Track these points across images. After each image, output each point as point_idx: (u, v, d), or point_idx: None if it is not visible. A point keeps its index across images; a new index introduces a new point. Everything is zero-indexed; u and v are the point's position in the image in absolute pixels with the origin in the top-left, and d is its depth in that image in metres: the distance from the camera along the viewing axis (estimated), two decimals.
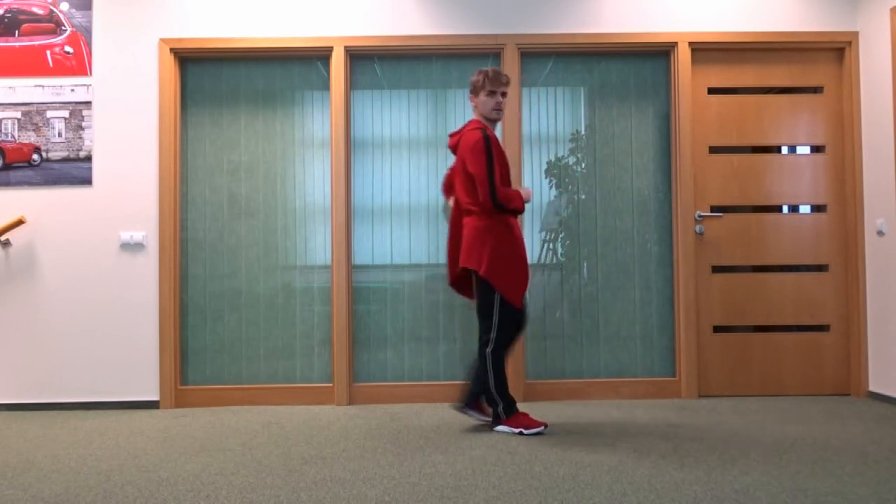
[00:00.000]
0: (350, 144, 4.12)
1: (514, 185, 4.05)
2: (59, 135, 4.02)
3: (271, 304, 4.10)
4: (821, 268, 4.18)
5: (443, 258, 4.11)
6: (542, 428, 3.18)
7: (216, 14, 4.06)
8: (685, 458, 2.76)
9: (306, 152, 4.16)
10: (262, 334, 4.09)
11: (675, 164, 4.11)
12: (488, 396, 3.24)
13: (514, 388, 4.00)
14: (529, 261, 4.12)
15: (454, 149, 3.38)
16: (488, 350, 3.20)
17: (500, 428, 3.23)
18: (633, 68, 4.19)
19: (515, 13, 4.09)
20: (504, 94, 3.28)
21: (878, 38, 3.94)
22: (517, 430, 3.18)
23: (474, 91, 3.30)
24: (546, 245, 4.15)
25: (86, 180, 4.02)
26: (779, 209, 4.20)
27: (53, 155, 4.02)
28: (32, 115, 4.02)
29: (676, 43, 4.09)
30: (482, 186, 3.15)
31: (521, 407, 3.84)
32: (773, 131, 4.18)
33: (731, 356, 4.13)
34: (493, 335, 3.19)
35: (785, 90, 4.23)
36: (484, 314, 3.23)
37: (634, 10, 4.10)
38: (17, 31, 4.04)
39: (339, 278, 4.01)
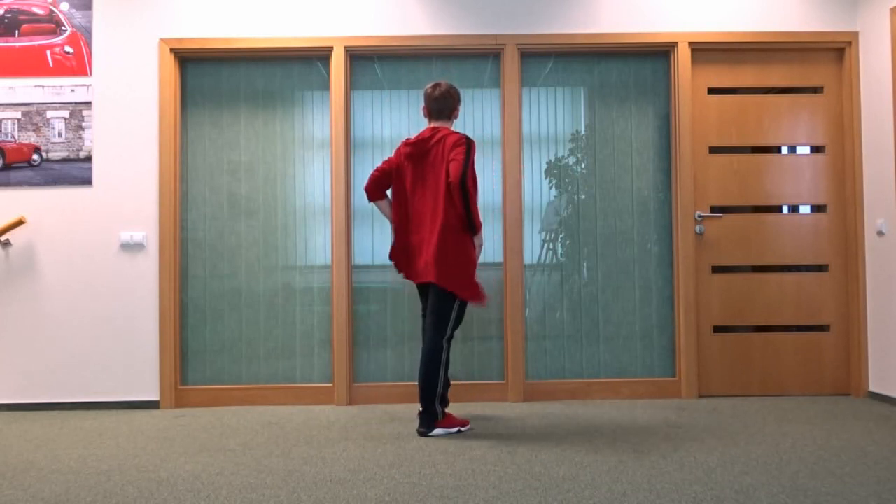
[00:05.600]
0: (350, 144, 4.12)
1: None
2: (59, 135, 4.02)
3: (271, 304, 4.10)
4: (821, 268, 4.18)
5: None
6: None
7: (216, 14, 4.06)
8: (685, 458, 2.76)
9: (306, 152, 4.16)
10: (262, 334, 4.09)
11: (675, 164, 4.11)
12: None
13: (514, 388, 4.01)
14: (530, 261, 4.13)
15: (429, 150, 3.36)
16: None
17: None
18: (633, 68, 4.19)
19: (515, 13, 4.09)
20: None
21: (878, 38, 3.94)
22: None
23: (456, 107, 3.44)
24: (546, 245, 4.15)
25: (86, 180, 4.02)
26: (779, 209, 4.20)
27: (53, 155, 4.02)
28: (32, 115, 4.02)
29: (676, 43, 4.09)
30: None
31: (524, 406, 3.85)
32: (773, 131, 4.18)
33: (731, 356, 4.13)
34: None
35: (785, 90, 4.23)
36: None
37: (634, 10, 4.10)
38: (17, 31, 4.04)
39: (339, 278, 4.01)
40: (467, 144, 3.22)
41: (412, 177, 3.32)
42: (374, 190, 3.40)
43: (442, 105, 3.36)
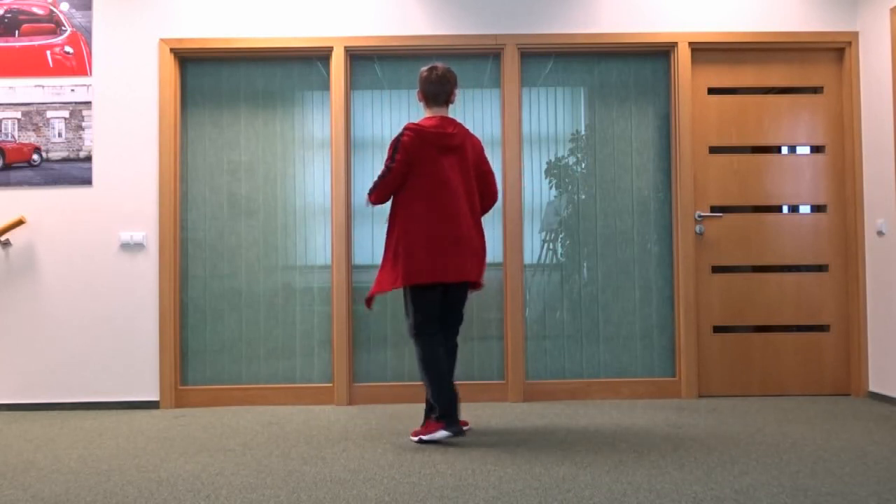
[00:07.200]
0: (350, 144, 4.12)
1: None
2: (59, 135, 4.02)
3: (271, 304, 4.10)
4: (821, 268, 4.18)
5: None
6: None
7: (216, 14, 4.06)
8: (685, 458, 2.76)
9: (306, 152, 4.15)
10: (262, 334, 4.09)
11: (675, 164, 4.11)
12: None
13: (514, 388, 4.01)
14: (530, 261, 4.13)
15: (458, 146, 3.14)
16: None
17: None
18: (633, 68, 4.19)
19: (515, 13, 4.09)
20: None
21: (878, 38, 3.94)
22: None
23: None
24: (546, 245, 4.15)
25: (86, 180, 4.02)
26: (779, 209, 4.20)
27: (53, 155, 4.02)
28: (32, 115, 4.02)
29: (676, 43, 4.09)
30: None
31: (524, 406, 3.85)
32: (773, 131, 4.18)
33: (731, 356, 4.13)
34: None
35: (785, 90, 4.23)
36: (462, 311, 3.30)
37: (634, 10, 4.10)
38: (17, 31, 4.04)
39: (339, 278, 4.01)
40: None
41: (446, 168, 3.07)
42: (391, 196, 3.17)
43: (439, 89, 3.16)
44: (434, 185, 3.05)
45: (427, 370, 3.07)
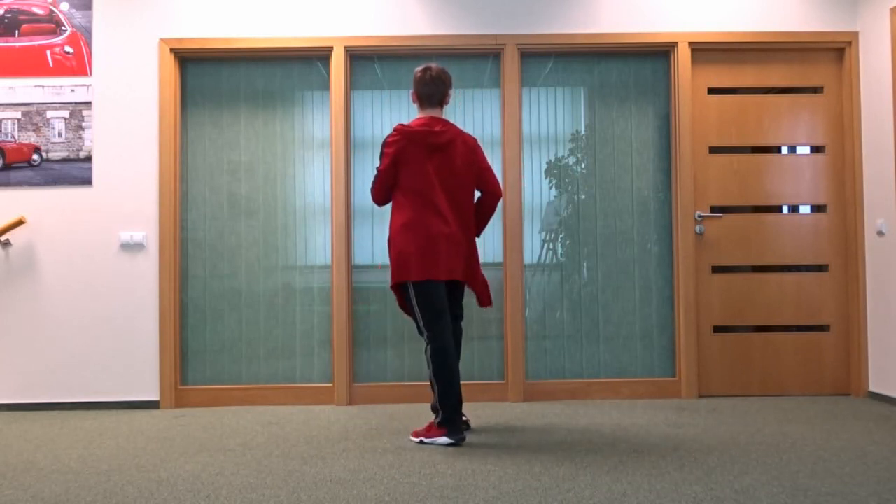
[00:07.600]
0: (350, 144, 4.12)
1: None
2: (59, 135, 4.02)
3: (271, 304, 4.10)
4: (821, 268, 4.18)
5: None
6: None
7: (216, 14, 4.06)
8: (685, 458, 2.76)
9: (306, 152, 4.16)
10: (262, 334, 4.09)
11: (675, 164, 4.11)
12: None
13: (514, 388, 4.01)
14: (530, 261, 4.13)
15: (447, 145, 3.14)
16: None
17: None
18: (633, 68, 4.19)
19: (515, 13, 4.09)
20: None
21: (878, 38, 3.94)
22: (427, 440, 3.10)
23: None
24: (546, 245, 4.15)
25: (86, 180, 4.02)
26: (779, 209, 4.20)
27: (53, 155, 4.02)
28: (32, 115, 4.02)
29: (676, 43, 4.09)
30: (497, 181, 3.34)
31: (524, 406, 3.85)
32: (773, 131, 4.18)
33: (731, 356, 4.13)
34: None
35: (785, 90, 4.23)
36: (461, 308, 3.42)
37: (634, 10, 4.10)
38: (17, 31, 4.04)
39: (339, 278, 4.01)
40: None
41: (434, 168, 3.10)
42: (388, 196, 3.22)
43: (433, 90, 3.15)
44: (420, 183, 3.08)
45: (437, 374, 3.04)
